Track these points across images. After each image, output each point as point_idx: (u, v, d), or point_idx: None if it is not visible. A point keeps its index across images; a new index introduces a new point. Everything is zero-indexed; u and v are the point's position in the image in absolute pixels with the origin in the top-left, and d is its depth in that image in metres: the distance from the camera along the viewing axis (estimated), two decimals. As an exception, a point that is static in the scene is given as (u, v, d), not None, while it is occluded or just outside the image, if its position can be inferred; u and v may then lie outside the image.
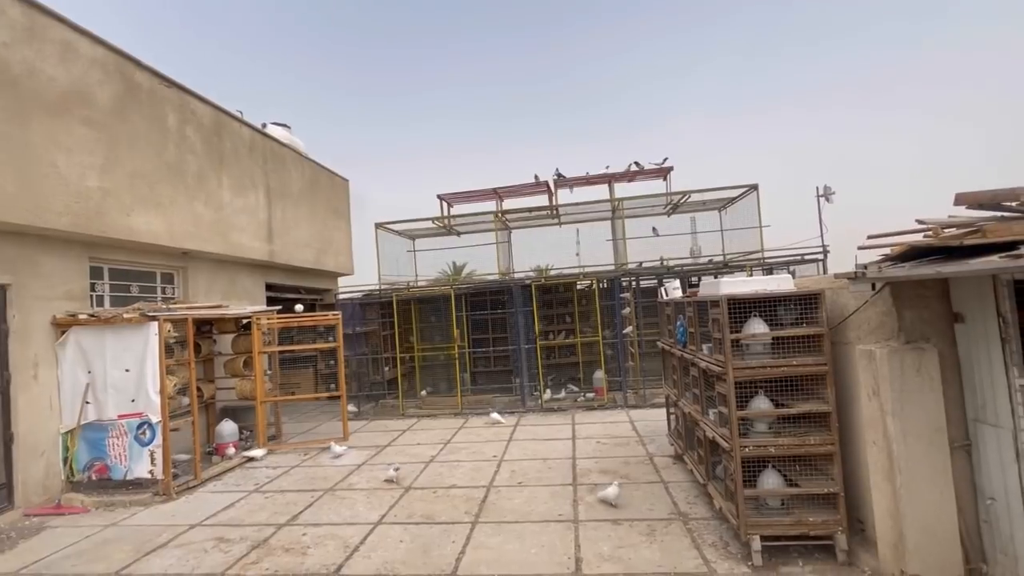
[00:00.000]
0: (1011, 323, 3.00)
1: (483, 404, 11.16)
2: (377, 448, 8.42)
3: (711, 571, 4.00)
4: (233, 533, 5.35)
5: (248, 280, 10.63)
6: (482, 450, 7.89)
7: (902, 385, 3.37)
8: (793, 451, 4.11)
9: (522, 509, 5.49)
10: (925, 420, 3.35)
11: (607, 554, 4.38)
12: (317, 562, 4.57)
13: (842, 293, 4.17)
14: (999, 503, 3.17)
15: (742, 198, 11.35)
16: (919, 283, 3.50)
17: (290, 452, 8.50)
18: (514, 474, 6.66)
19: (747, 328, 4.25)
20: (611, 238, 12.33)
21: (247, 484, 6.98)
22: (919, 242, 2.79)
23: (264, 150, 10.75)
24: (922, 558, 3.35)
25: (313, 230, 12.50)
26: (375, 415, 11.22)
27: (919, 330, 3.49)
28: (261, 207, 10.44)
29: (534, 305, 10.93)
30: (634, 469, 6.51)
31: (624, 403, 10.34)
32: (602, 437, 8.14)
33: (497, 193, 12.65)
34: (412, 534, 5.03)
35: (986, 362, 3.19)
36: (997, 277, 3.03)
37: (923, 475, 3.35)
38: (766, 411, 4.19)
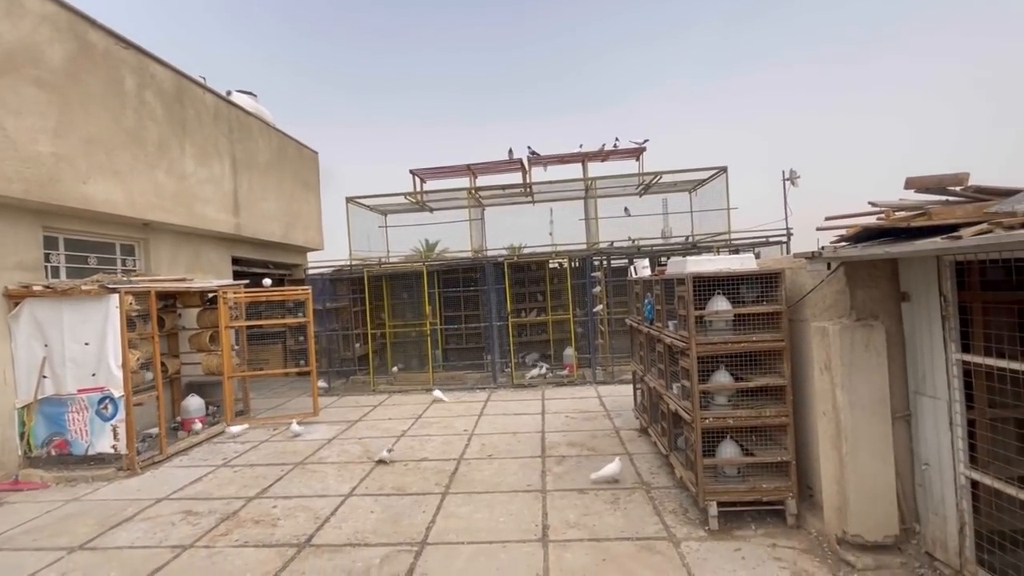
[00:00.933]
0: (951, 302, 3.20)
1: (455, 380, 11.26)
2: (348, 423, 8.44)
3: (671, 536, 4.21)
4: (201, 506, 5.33)
5: (213, 253, 10.36)
6: (453, 424, 8.00)
7: (851, 360, 3.57)
8: (750, 422, 4.32)
9: (492, 480, 5.63)
10: (871, 392, 3.57)
11: (573, 521, 4.55)
12: (288, 532, 4.61)
13: (801, 273, 4.35)
14: (933, 468, 3.42)
15: (712, 180, 11.56)
16: (871, 263, 3.68)
17: (259, 427, 8.44)
18: (484, 447, 6.79)
19: (710, 305, 4.40)
20: (583, 217, 12.42)
21: (215, 459, 6.93)
22: (872, 224, 2.94)
23: (229, 119, 10.38)
24: (862, 520, 3.60)
25: (281, 203, 12.21)
26: (346, 391, 11.20)
27: (869, 308, 3.68)
28: (227, 178, 10.13)
29: (506, 283, 10.99)
30: (601, 442, 6.72)
31: (593, 379, 10.57)
32: (571, 412, 8.34)
33: (471, 169, 12.55)
34: (383, 505, 5.12)
35: (928, 338, 3.40)
36: (940, 258, 3.22)
37: (866, 443, 3.58)
38: (726, 384, 4.38)
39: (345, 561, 4.07)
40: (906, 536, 3.64)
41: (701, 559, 3.83)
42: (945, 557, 3.36)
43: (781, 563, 3.72)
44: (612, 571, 3.74)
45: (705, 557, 3.85)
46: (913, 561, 3.52)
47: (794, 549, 3.90)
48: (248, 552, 4.30)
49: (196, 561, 4.20)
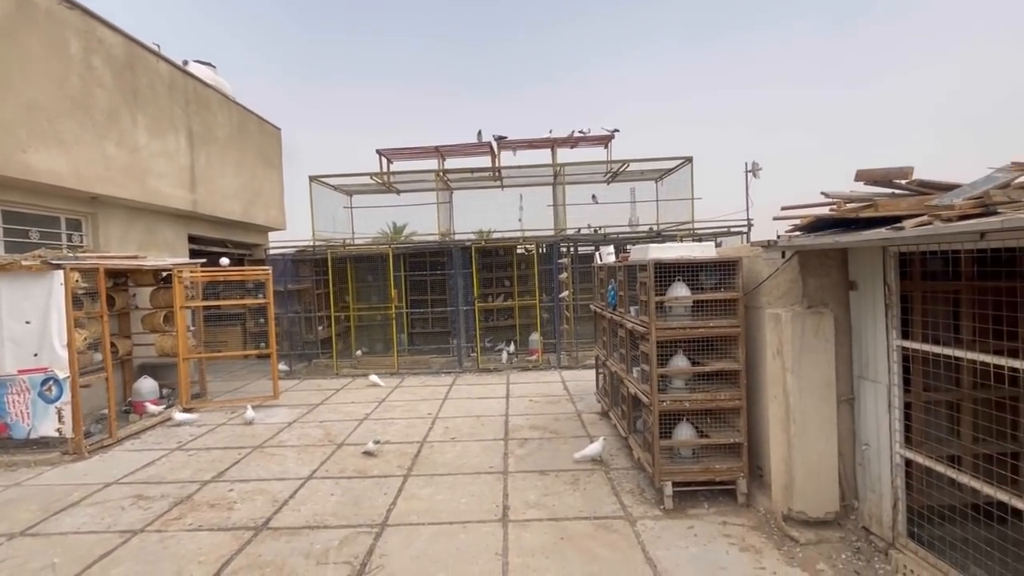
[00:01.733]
0: (894, 291, 3.35)
1: (420, 365, 11.21)
2: (309, 406, 8.31)
3: (627, 515, 4.33)
4: (153, 490, 5.18)
5: (169, 231, 9.94)
6: (417, 408, 7.98)
7: (802, 345, 3.72)
8: (706, 405, 4.46)
9: (454, 463, 5.65)
10: (819, 377, 3.73)
11: (533, 502, 4.63)
12: (244, 516, 4.53)
13: (757, 261, 4.48)
14: (872, 448, 3.62)
15: (678, 170, 11.74)
16: (822, 253, 3.82)
17: (216, 410, 8.23)
18: (448, 430, 6.81)
19: (671, 291, 4.50)
20: (552, 203, 12.45)
21: (169, 442, 6.73)
22: (824, 214, 3.05)
23: (186, 90, 9.91)
24: (806, 498, 3.79)
25: (241, 180, 11.78)
26: (308, 374, 11.01)
27: (820, 296, 3.83)
28: (183, 152, 9.69)
29: (474, 267, 10.96)
30: (563, 425, 6.83)
31: (558, 364, 10.70)
32: (535, 396, 8.43)
33: (439, 151, 12.38)
34: (343, 488, 5.08)
35: (872, 326, 3.57)
36: (886, 249, 3.37)
37: (813, 425, 3.75)
38: (684, 369, 4.50)
39: (303, 543, 4.03)
40: (846, 512, 3.84)
41: (655, 536, 3.96)
42: (880, 531, 3.57)
43: (731, 539, 3.88)
44: (569, 549, 3.83)
45: (659, 535, 3.98)
46: (851, 535, 3.73)
47: (743, 526, 4.07)
48: (202, 536, 4.21)
49: (147, 546, 4.09)
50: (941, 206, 2.43)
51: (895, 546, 3.43)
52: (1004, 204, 2.36)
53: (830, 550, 3.63)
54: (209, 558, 3.86)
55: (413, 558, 3.77)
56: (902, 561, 3.30)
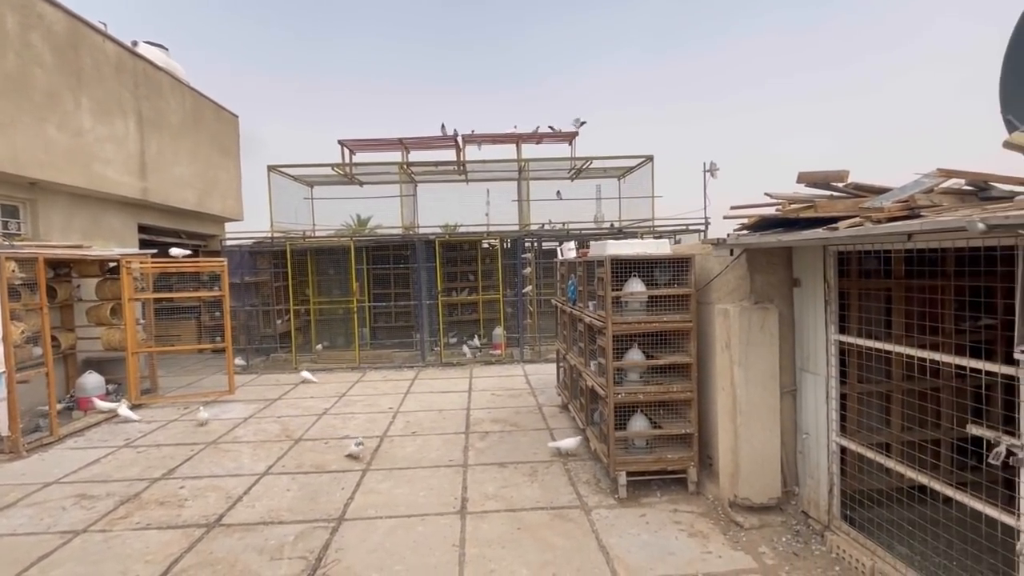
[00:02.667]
0: (833, 288, 3.55)
1: (383, 359, 11.11)
2: (266, 401, 8.13)
3: (583, 504, 4.44)
4: (98, 489, 4.99)
5: (116, 220, 9.51)
6: (378, 403, 7.92)
7: (748, 339, 3.89)
8: (659, 397, 4.61)
9: (414, 456, 5.65)
10: (764, 369, 3.91)
11: (491, 493, 4.69)
12: (196, 513, 4.42)
13: (709, 259, 4.64)
14: (811, 437, 3.82)
15: (639, 168, 11.97)
16: (768, 251, 3.99)
17: (168, 406, 7.96)
18: (408, 424, 6.79)
19: (627, 287, 4.62)
20: (516, 199, 12.50)
21: (115, 439, 6.48)
22: (770, 214, 3.19)
23: (135, 72, 9.47)
24: (751, 484, 3.98)
25: (196, 168, 11.36)
26: (265, 369, 10.75)
27: (766, 292, 4.01)
28: (132, 137, 9.28)
29: (438, 261, 10.91)
30: (524, 418, 6.91)
31: (521, 358, 10.79)
32: (497, 390, 8.49)
33: (403, 143, 12.24)
34: (300, 483, 5.02)
35: (813, 321, 3.77)
36: (826, 248, 3.56)
37: (758, 416, 3.93)
38: (638, 362, 4.63)
39: (257, 539, 3.97)
40: (787, 498, 4.05)
41: (609, 525, 4.08)
42: (817, 514, 3.78)
43: (680, 526, 4.03)
44: (526, 539, 3.90)
45: (613, 523, 4.10)
46: (791, 519, 3.94)
47: (693, 513, 4.23)
48: (150, 535, 4.09)
49: (89, 546, 3.94)
50: (872, 208, 2.59)
51: (830, 528, 3.64)
52: (927, 208, 2.54)
53: (772, 534, 3.82)
54: (157, 557, 3.76)
55: (370, 551, 3.77)
56: (836, 542, 3.51)
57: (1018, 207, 2.00)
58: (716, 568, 3.46)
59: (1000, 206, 2.26)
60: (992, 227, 1.85)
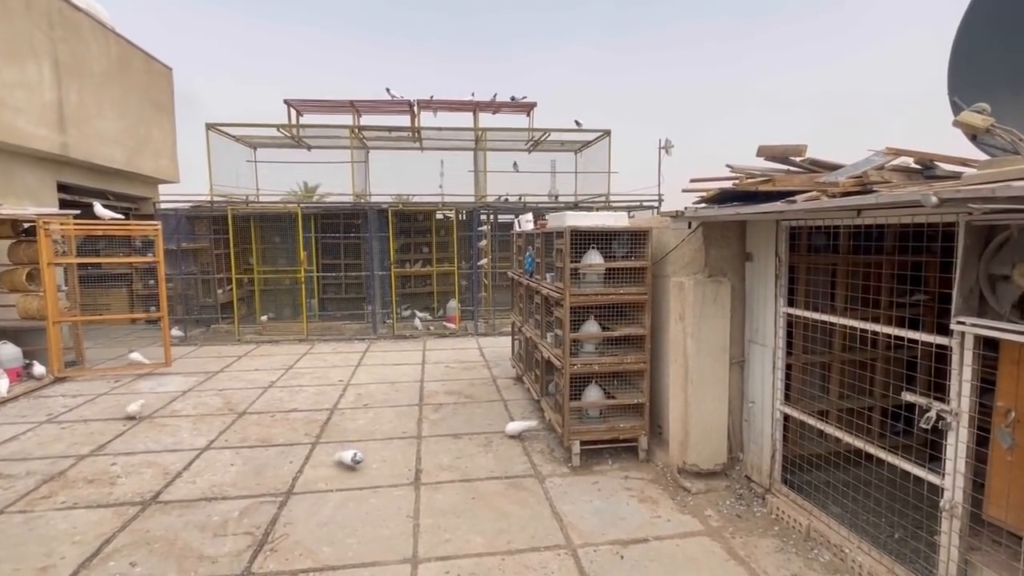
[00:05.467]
0: (784, 262, 3.65)
1: (332, 331, 10.79)
2: (207, 374, 7.74)
3: (537, 473, 4.48)
4: (16, 468, 4.61)
5: (31, 177, 8.65)
6: (328, 375, 7.70)
7: (702, 311, 3.97)
8: (613, 368, 4.67)
9: (366, 429, 5.53)
10: (715, 341, 4.01)
11: (446, 464, 4.65)
12: (130, 491, 4.16)
13: (666, 232, 4.69)
14: (757, 405, 3.98)
15: (596, 142, 11.95)
16: (724, 225, 4.06)
17: (97, 379, 7.44)
18: (360, 397, 6.64)
19: (585, 259, 4.60)
20: (472, 169, 12.25)
21: (37, 414, 6.00)
22: (728, 188, 3.22)
23: (49, 11, 8.51)
24: (699, 451, 4.12)
25: (125, 124, 10.45)
26: (206, 341, 10.22)
27: (720, 266, 4.09)
28: (47, 85, 8.38)
29: (391, 231, 10.60)
30: (478, 390, 6.89)
31: (475, 331, 10.74)
32: (451, 362, 8.42)
33: (354, 106, 11.68)
34: (245, 457, 4.81)
35: (763, 294, 3.88)
36: (779, 223, 3.64)
37: (708, 385, 4.05)
38: (594, 334, 4.66)
39: (199, 516, 3.78)
40: (731, 464, 4.22)
41: (562, 492, 4.13)
42: (759, 479, 3.96)
43: (631, 492, 4.14)
44: (480, 507, 3.90)
45: (566, 491, 4.16)
46: (735, 484, 4.12)
47: (643, 480, 4.36)
48: (78, 514, 3.82)
49: (7, 528, 3.64)
50: (827, 183, 2.64)
51: (771, 491, 3.83)
52: (879, 184, 2.61)
53: (717, 498, 3.98)
54: (86, 537, 3.52)
55: (320, 524, 3.67)
56: (776, 504, 3.69)
57: (966, 183, 2.07)
58: (664, 531, 3.58)
59: (948, 183, 2.34)
60: (944, 200, 1.90)
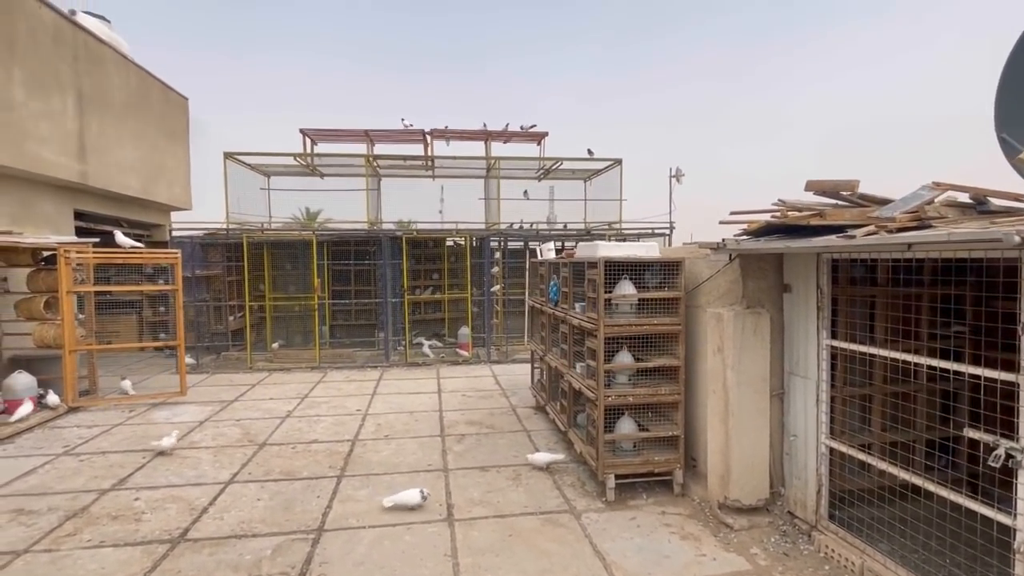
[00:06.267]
0: (826, 294, 3.64)
1: (343, 358, 10.70)
2: (222, 403, 7.64)
3: (571, 508, 4.38)
4: (38, 503, 4.50)
5: (50, 205, 8.69)
6: (344, 404, 7.60)
7: (742, 343, 3.94)
8: (647, 400, 4.61)
9: (390, 461, 5.44)
10: (755, 373, 3.98)
11: (477, 499, 4.55)
12: (156, 527, 4.06)
13: (697, 262, 4.70)
14: (799, 439, 3.92)
15: (607, 170, 12.10)
16: (760, 257, 4.07)
17: (111, 409, 7.33)
18: (380, 427, 6.54)
19: (618, 289, 4.59)
20: (483, 196, 12.35)
21: (53, 446, 5.89)
22: (775, 220, 3.23)
23: (75, 44, 8.68)
24: (741, 486, 4.03)
25: (141, 152, 10.56)
26: (217, 368, 10.13)
27: (757, 297, 4.08)
28: (70, 115, 8.50)
29: (404, 258, 10.62)
30: (500, 419, 6.80)
31: (488, 359, 10.66)
32: (468, 391, 8.34)
33: (368, 135, 11.83)
34: (271, 492, 4.71)
35: (803, 325, 3.86)
36: (820, 255, 3.65)
37: (749, 418, 4.00)
38: (629, 364, 4.62)
39: (231, 555, 3.68)
40: (773, 499, 4.14)
41: (601, 529, 4.04)
42: (804, 515, 3.88)
43: (671, 528, 4.05)
44: (519, 545, 3.80)
45: (604, 527, 4.06)
46: (778, 520, 4.03)
47: (681, 515, 4.26)
48: (106, 553, 3.71)
49: (35, 569, 3.53)
50: (884, 218, 2.65)
51: (817, 528, 3.74)
52: (936, 219, 2.62)
53: (761, 535, 3.89)
54: (117, 578, 3.41)
55: (357, 564, 3.56)
56: (824, 541, 3.60)
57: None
58: (712, 571, 3.48)
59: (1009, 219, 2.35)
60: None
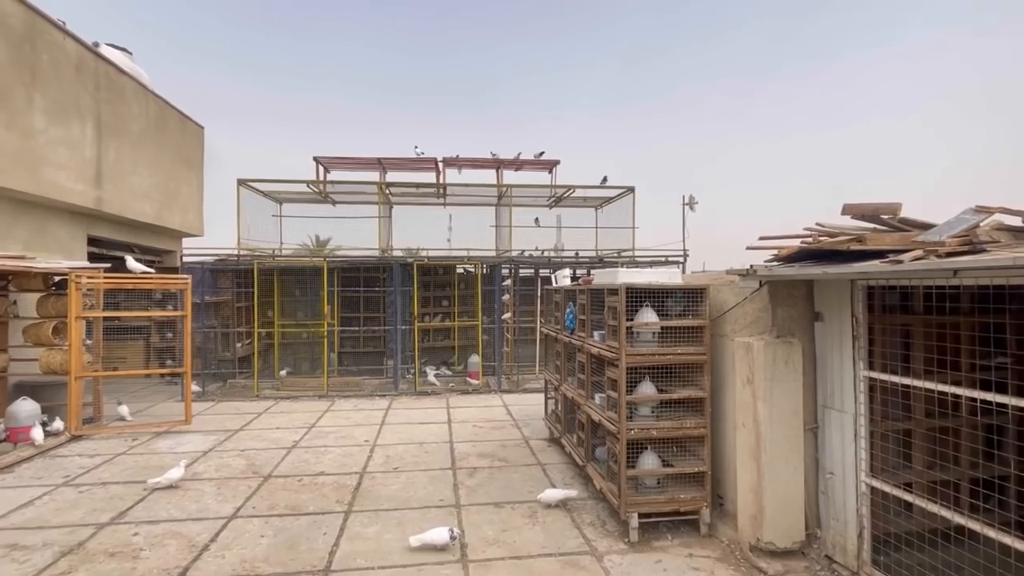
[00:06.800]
0: (862, 323, 3.47)
1: (351, 386, 10.51)
2: (227, 432, 7.45)
3: (593, 550, 4.13)
4: (32, 537, 4.30)
5: (63, 230, 8.71)
6: (352, 434, 7.39)
7: (773, 374, 3.75)
8: (671, 434, 4.40)
9: (400, 496, 5.21)
10: (788, 406, 3.77)
11: (492, 538, 4.31)
12: (155, 566, 3.85)
13: (722, 289, 4.54)
14: (836, 477, 3.69)
15: (619, 199, 12.06)
16: (790, 284, 3.91)
17: (114, 437, 7.16)
18: (389, 459, 6.32)
19: (639, 317, 4.44)
20: (495, 224, 12.33)
21: (53, 476, 5.71)
22: (809, 245, 3.09)
23: (96, 74, 8.85)
24: (775, 527, 3.78)
25: (157, 179, 10.65)
26: (223, 396, 9.95)
27: (788, 326, 3.91)
28: (88, 142, 8.59)
29: (414, 285, 10.53)
30: (512, 452, 6.56)
31: (498, 388, 10.43)
32: (478, 421, 8.11)
33: (381, 163, 11.91)
34: (275, 528, 4.49)
35: (838, 356, 3.67)
36: (855, 282, 3.49)
37: (782, 454, 3.77)
38: (652, 396, 4.42)
39: (232, 598, 3.46)
40: (809, 542, 3.88)
41: (625, 573, 3.78)
42: (844, 560, 3.61)
43: (700, 572, 3.79)
44: (539, 591, 3.56)
45: (628, 571, 3.81)
46: (815, 565, 3.76)
47: (709, 558, 4.00)
48: (100, 594, 3.50)
49: (26, 610, 3.33)
50: (931, 243, 2.51)
51: (860, 574, 3.47)
52: (988, 243, 2.47)
53: (798, 581, 3.62)
54: (111, 622, 3.20)
55: (366, 610, 3.33)
56: (869, 590, 3.34)
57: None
58: (749, 622, 3.22)
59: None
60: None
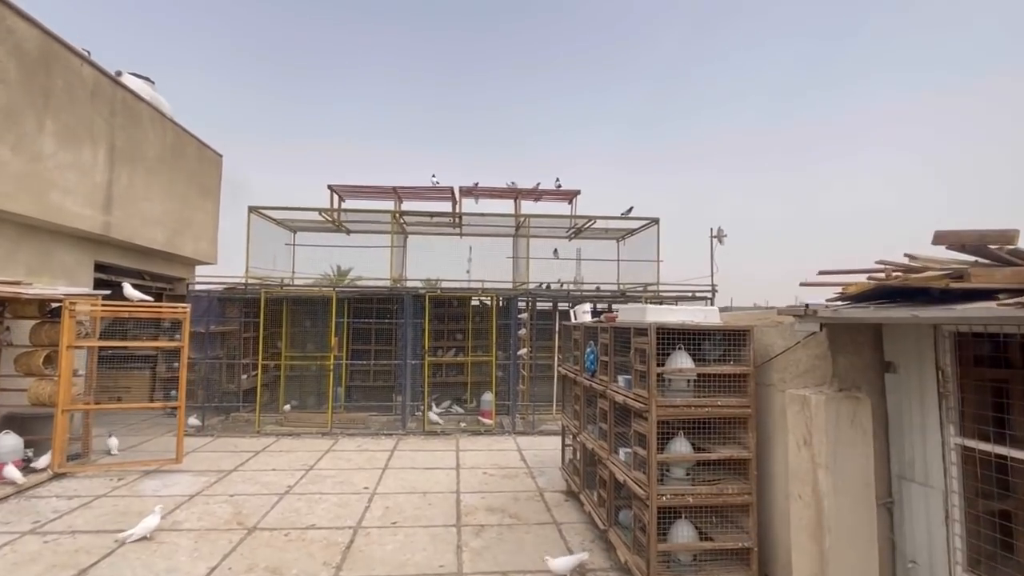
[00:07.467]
0: (950, 377, 2.85)
1: (357, 423, 9.97)
2: (219, 473, 6.94)
3: (616, 641, 3.45)
4: (-23, 600, 3.80)
5: (69, 255, 8.51)
6: (351, 479, 6.81)
7: (837, 436, 3.12)
8: (710, 500, 3.75)
9: (395, 559, 4.59)
10: (856, 475, 3.12)
11: (497, 620, 3.67)
12: (101, 646, 3.29)
13: (767, 331, 3.95)
14: (922, 567, 3.00)
15: (643, 230, 11.55)
16: (853, 328, 3.31)
17: (99, 476, 6.70)
18: (388, 511, 5.72)
19: (671, 361, 3.86)
20: (512, 255, 11.89)
21: (22, 522, 5.23)
22: (890, 282, 2.52)
23: (113, 100, 8.80)
24: (843, 626, 3.08)
25: (170, 206, 10.51)
26: (223, 431, 9.49)
27: (852, 378, 3.29)
28: (100, 167, 8.46)
29: (426, 317, 10.06)
30: (524, 507, 5.90)
31: (512, 429, 9.78)
32: (489, 467, 7.46)
33: (396, 192, 11.66)
34: (249, 597, 3.91)
35: (918, 416, 3.04)
36: (938, 328, 2.89)
37: (849, 535, 3.10)
38: (687, 455, 3.80)
39: None
40: (885, 645, 3.15)
41: (657, 677, 3.10)
42: (935, 676, 2.89)
43: None
44: None
45: (661, 674, 3.13)
46: (896, 678, 3.03)
47: (760, 659, 3.29)
48: None
49: None
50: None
51: None
52: None
53: None
54: None
55: None
56: None
57: None
58: None
59: None
60: None
